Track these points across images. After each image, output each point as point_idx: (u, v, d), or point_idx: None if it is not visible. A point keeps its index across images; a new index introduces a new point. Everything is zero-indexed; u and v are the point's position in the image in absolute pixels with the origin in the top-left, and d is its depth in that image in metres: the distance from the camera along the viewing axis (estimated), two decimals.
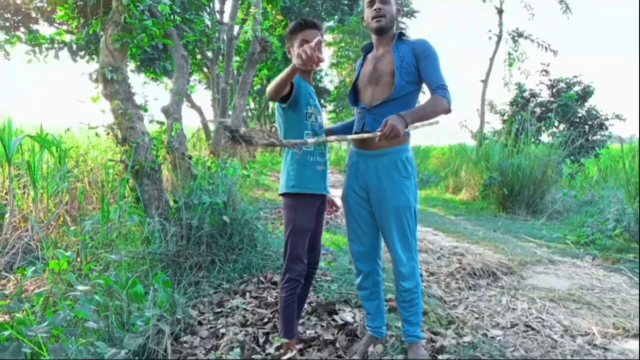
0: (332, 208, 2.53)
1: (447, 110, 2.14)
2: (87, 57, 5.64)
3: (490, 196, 7.84)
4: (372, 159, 2.25)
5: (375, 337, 2.44)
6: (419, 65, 2.18)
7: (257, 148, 1.95)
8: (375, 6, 2.25)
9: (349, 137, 2.26)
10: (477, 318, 2.94)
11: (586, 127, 9.75)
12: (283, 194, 2.27)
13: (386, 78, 2.22)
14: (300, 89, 2.20)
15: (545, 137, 9.85)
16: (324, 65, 24.86)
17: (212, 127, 7.98)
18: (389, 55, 2.25)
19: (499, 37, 11.11)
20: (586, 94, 9.89)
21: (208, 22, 7.36)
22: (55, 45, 4.75)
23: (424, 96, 2.52)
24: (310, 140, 2.15)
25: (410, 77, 2.18)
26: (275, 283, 3.37)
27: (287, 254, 2.24)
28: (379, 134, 1.98)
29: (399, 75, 2.16)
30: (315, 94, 2.36)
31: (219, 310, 2.92)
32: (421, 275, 2.98)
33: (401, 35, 2.29)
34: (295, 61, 1.89)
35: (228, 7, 10.14)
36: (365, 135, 2.10)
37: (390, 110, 2.11)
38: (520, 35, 11.13)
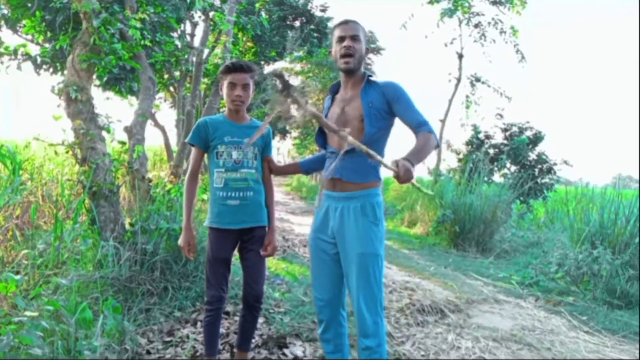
0: (266, 250, 2.43)
1: (437, 146, 2.03)
2: (51, 70, 5.54)
3: (443, 232, 8.05)
4: (341, 202, 2.15)
5: None
6: (394, 109, 2.11)
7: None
8: (344, 43, 2.13)
9: (377, 158, 1.80)
10: (423, 355, 3.03)
11: (536, 170, 10.30)
12: None
13: (355, 123, 2.13)
14: (209, 135, 2.38)
15: (497, 178, 10.34)
16: None
17: (174, 147, 7.90)
18: (357, 99, 2.16)
19: (458, 80, 11.68)
20: (537, 139, 10.48)
21: (178, 43, 7.39)
22: (19, 57, 4.65)
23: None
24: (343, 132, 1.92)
25: (380, 123, 2.11)
26: (228, 313, 3.37)
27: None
28: (394, 169, 1.75)
29: (369, 122, 2.09)
30: (249, 128, 2.44)
31: (168, 339, 2.89)
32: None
33: (369, 78, 2.20)
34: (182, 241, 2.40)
35: (199, 31, 10.20)
36: (384, 164, 1.82)
37: (361, 157, 2.01)
38: (478, 80, 11.74)
